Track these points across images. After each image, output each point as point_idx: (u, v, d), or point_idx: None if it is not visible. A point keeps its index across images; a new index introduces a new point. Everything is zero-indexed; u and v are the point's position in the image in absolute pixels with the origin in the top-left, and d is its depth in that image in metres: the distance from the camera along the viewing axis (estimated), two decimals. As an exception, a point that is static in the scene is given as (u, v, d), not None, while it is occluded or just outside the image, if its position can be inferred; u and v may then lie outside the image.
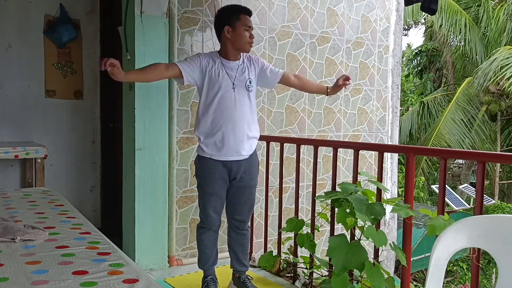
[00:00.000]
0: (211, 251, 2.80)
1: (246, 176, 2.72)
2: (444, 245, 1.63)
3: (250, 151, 2.73)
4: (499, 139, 12.04)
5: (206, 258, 2.81)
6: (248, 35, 2.62)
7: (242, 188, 2.74)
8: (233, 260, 2.89)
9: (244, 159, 2.69)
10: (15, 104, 4.12)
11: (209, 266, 2.83)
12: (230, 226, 2.85)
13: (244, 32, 2.61)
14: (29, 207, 2.47)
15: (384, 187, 2.72)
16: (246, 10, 2.67)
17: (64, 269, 1.55)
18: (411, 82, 18.29)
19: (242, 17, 2.61)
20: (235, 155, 2.66)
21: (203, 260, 2.81)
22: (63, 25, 4.23)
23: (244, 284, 2.84)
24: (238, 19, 2.60)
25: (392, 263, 5.01)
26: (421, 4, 2.97)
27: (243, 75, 2.68)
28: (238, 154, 2.66)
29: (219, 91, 2.61)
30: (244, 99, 2.67)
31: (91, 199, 4.55)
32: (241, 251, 2.86)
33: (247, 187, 2.76)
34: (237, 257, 2.87)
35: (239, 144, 2.64)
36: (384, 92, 4.82)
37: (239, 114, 2.63)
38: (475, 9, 12.28)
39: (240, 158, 2.67)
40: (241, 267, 2.88)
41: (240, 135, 2.64)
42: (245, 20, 2.61)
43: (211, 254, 2.81)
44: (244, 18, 2.61)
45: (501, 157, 3.58)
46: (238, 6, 2.74)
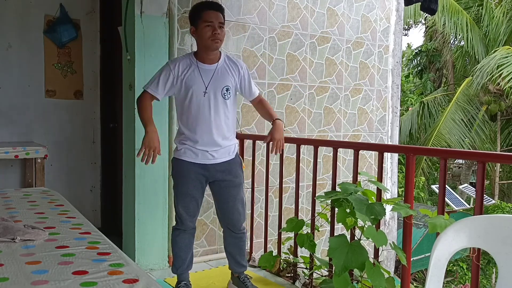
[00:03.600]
0: (186, 255, 2.72)
1: (227, 175, 2.64)
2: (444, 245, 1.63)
3: (227, 157, 2.64)
4: (499, 139, 12.04)
5: (180, 261, 2.72)
6: (211, 31, 2.44)
7: (227, 187, 2.67)
8: (230, 262, 2.86)
9: (222, 162, 2.63)
10: (15, 104, 4.12)
11: (182, 270, 2.74)
12: (225, 230, 2.80)
13: (204, 29, 2.45)
14: (29, 207, 2.47)
15: (384, 187, 2.72)
16: (208, 5, 2.51)
17: (64, 269, 1.55)
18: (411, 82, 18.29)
19: (203, 14, 2.47)
20: (211, 159, 2.59)
21: (177, 264, 2.72)
22: (63, 25, 4.23)
23: (244, 284, 2.82)
24: (199, 17, 2.48)
25: (392, 263, 5.01)
26: (421, 4, 2.97)
27: (219, 80, 2.55)
28: (214, 159, 2.60)
29: (191, 96, 2.52)
30: (219, 106, 2.55)
31: (91, 199, 4.55)
32: (238, 253, 2.82)
33: (232, 186, 2.67)
34: (234, 259, 2.83)
35: (213, 151, 2.58)
36: (384, 92, 4.82)
37: (212, 123, 2.54)
38: (476, 9, 12.28)
39: (216, 161, 2.61)
40: (240, 268, 2.86)
41: (212, 143, 2.57)
42: (205, 16, 2.46)
43: (185, 258, 2.72)
44: (204, 15, 2.46)
45: (501, 157, 3.58)
46: (202, 3, 2.57)
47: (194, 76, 2.52)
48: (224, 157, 2.63)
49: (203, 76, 2.53)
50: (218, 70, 2.57)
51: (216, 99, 2.55)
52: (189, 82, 2.52)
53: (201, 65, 2.54)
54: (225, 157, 2.63)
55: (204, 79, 2.53)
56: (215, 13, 2.48)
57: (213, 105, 2.54)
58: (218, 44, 2.50)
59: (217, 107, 2.55)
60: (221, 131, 2.58)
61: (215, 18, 2.47)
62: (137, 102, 2.60)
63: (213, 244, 3.72)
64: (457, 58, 13.88)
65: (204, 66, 2.55)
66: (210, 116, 2.54)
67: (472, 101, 11.61)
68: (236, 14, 3.74)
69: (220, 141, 2.59)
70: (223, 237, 2.85)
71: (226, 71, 2.59)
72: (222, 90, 2.56)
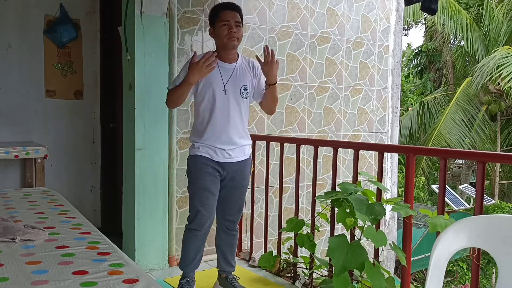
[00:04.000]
0: (195, 256, 2.70)
1: (238, 176, 2.67)
2: (444, 245, 1.63)
3: (243, 157, 2.67)
4: (499, 139, 12.04)
5: (189, 260, 2.71)
6: (227, 29, 2.50)
7: (234, 187, 2.69)
8: (220, 260, 2.85)
9: (237, 161, 2.65)
10: (15, 104, 4.12)
11: (190, 269, 2.74)
12: (220, 227, 2.80)
13: (221, 28, 2.51)
14: (29, 207, 2.47)
15: (384, 187, 2.72)
16: (225, 6, 2.57)
17: (64, 269, 1.55)
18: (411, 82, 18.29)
19: (220, 14, 2.53)
20: (228, 158, 2.61)
21: (185, 262, 2.72)
22: (63, 25, 4.23)
23: (232, 285, 2.81)
24: (217, 17, 2.54)
25: (392, 263, 5.01)
26: (421, 4, 2.97)
27: (238, 79, 2.59)
28: (230, 157, 2.62)
29: (210, 93, 2.54)
30: (236, 105, 2.58)
31: (91, 199, 4.55)
32: (229, 252, 2.82)
33: (239, 187, 2.70)
34: (225, 258, 2.83)
35: (230, 150, 2.60)
36: (384, 92, 4.82)
37: (231, 121, 2.57)
38: (476, 9, 12.28)
39: (232, 160, 2.63)
40: (229, 267, 2.85)
41: (229, 141, 2.59)
42: (221, 16, 2.52)
43: (193, 259, 2.70)
44: (221, 14, 2.52)
45: (501, 157, 3.58)
46: (219, 4, 2.64)
47: (214, 74, 2.54)
48: (240, 156, 2.65)
49: (223, 75, 2.56)
50: (237, 69, 2.61)
51: (235, 97, 2.58)
52: (209, 79, 2.54)
53: (221, 63, 2.57)
54: (240, 156, 2.65)
55: (223, 77, 2.56)
56: (232, 12, 2.54)
57: (232, 103, 2.57)
58: (235, 43, 2.54)
59: (235, 105, 2.58)
60: (238, 130, 2.61)
61: (231, 17, 2.52)
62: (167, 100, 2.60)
63: (213, 244, 3.68)
64: (457, 58, 13.87)
65: (223, 65, 2.58)
66: (228, 114, 2.56)
67: (472, 101, 11.60)
68: (236, 14, 3.74)
69: (237, 140, 2.61)
70: (216, 234, 2.84)
71: (244, 70, 2.63)
72: (240, 89, 2.59)
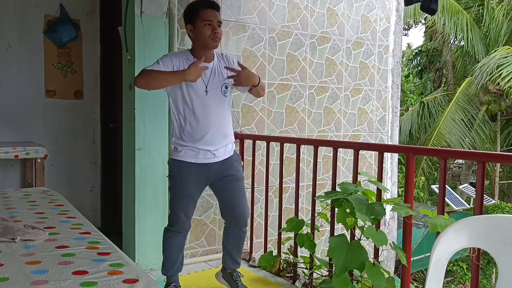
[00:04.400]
0: (177, 256, 2.67)
1: (229, 170, 2.63)
2: (444, 245, 1.63)
3: (227, 154, 2.63)
4: (499, 139, 12.04)
5: (171, 263, 2.67)
6: (210, 30, 2.43)
7: (231, 182, 2.65)
8: (226, 257, 2.83)
9: (221, 160, 2.61)
10: (15, 104, 4.12)
11: (173, 272, 2.69)
12: (229, 226, 2.76)
13: (204, 27, 2.43)
14: (29, 207, 2.47)
15: (384, 187, 2.72)
16: (206, 4, 2.48)
17: (64, 269, 1.55)
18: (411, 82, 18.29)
19: (202, 12, 2.44)
20: (212, 158, 2.58)
21: (167, 265, 2.67)
22: (63, 25, 4.23)
23: (235, 283, 2.79)
24: (197, 15, 2.45)
25: (392, 263, 5.02)
26: (421, 4, 2.97)
27: (218, 78, 2.54)
28: (214, 157, 2.58)
29: (191, 94, 2.48)
30: (218, 104, 2.54)
31: (91, 199, 4.55)
32: (236, 250, 2.80)
33: (235, 179, 2.66)
34: (231, 256, 2.81)
35: (214, 150, 2.56)
36: (384, 92, 4.82)
37: (214, 121, 2.53)
38: (476, 9, 12.28)
39: (216, 160, 2.59)
40: (234, 264, 2.83)
41: (214, 141, 2.55)
42: (203, 15, 2.44)
43: (176, 260, 2.67)
44: (203, 13, 2.44)
45: (501, 157, 3.58)
46: (198, 1, 2.53)
47: None
48: (224, 155, 2.62)
49: (202, 75, 2.49)
50: (215, 68, 2.56)
51: (217, 96, 2.54)
52: None
53: None
54: (224, 155, 2.62)
55: (203, 78, 2.50)
56: (214, 11, 2.47)
57: (214, 103, 2.53)
58: (217, 43, 2.50)
59: (218, 105, 2.55)
60: (222, 129, 2.58)
61: (214, 17, 2.46)
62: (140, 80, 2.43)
63: (213, 244, 3.72)
64: (457, 58, 13.87)
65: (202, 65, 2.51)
66: (211, 114, 2.52)
67: (472, 101, 11.60)
68: (236, 14, 3.74)
69: (221, 139, 2.58)
70: (224, 233, 2.81)
71: (222, 68, 2.58)
72: (221, 87, 2.56)
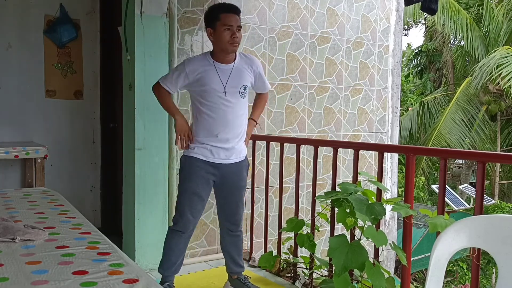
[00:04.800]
0: (177, 258, 2.66)
1: (234, 177, 2.66)
2: (444, 245, 1.63)
3: (240, 158, 2.67)
4: (499, 139, 12.04)
5: (170, 264, 2.66)
6: (229, 35, 2.47)
7: (231, 189, 2.68)
8: (229, 262, 2.84)
9: (234, 163, 2.64)
10: (15, 104, 4.12)
11: (169, 273, 2.68)
12: (224, 229, 2.79)
13: (224, 32, 2.47)
14: (29, 207, 2.47)
15: (384, 187, 2.72)
16: (227, 8, 2.53)
17: (64, 269, 1.55)
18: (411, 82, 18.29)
19: (222, 17, 2.48)
20: (225, 159, 2.61)
21: (166, 265, 2.67)
22: (63, 25, 4.23)
23: (245, 285, 2.81)
24: (218, 19, 2.49)
25: (392, 263, 5.02)
26: (421, 4, 2.97)
27: (237, 79, 2.57)
28: (227, 159, 2.61)
29: (209, 95, 2.52)
30: (236, 105, 2.57)
31: (91, 199, 4.54)
32: (236, 253, 2.81)
33: (236, 187, 2.69)
34: (233, 259, 2.82)
35: (229, 150, 2.60)
36: (384, 92, 4.82)
37: (230, 121, 2.56)
38: (476, 9, 12.28)
39: (227, 162, 2.62)
40: (238, 268, 2.85)
41: (227, 142, 2.58)
42: (224, 19, 2.47)
43: (175, 262, 2.66)
44: (224, 17, 2.48)
45: (501, 157, 3.58)
46: (220, 5, 2.60)
47: (211, 75, 2.53)
48: (236, 158, 2.64)
49: (221, 76, 2.54)
50: (235, 69, 2.59)
51: (235, 98, 2.56)
52: (205, 80, 2.52)
53: (218, 64, 2.55)
54: (236, 158, 2.64)
55: (222, 78, 2.54)
56: (234, 16, 2.51)
57: (232, 104, 2.56)
58: (236, 48, 2.54)
59: (236, 105, 2.57)
60: (237, 130, 2.60)
61: (234, 22, 2.49)
62: (154, 91, 2.67)
63: (213, 244, 3.72)
64: (457, 58, 13.87)
65: (221, 66, 2.56)
66: (229, 114, 2.55)
67: (472, 101, 11.61)
68: (236, 14, 3.74)
69: (235, 140, 2.60)
70: (221, 237, 2.84)
71: (242, 69, 2.61)
72: (240, 89, 2.58)
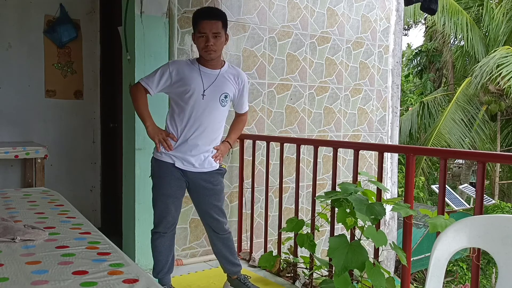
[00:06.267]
0: (166, 258, 2.66)
1: (207, 183, 2.60)
2: (444, 245, 1.63)
3: (210, 168, 2.60)
4: (499, 139, 12.04)
5: (161, 265, 2.66)
6: (203, 42, 2.43)
7: (206, 196, 2.63)
8: (225, 264, 2.81)
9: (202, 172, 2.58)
10: (15, 104, 4.12)
11: (163, 274, 2.68)
12: (210, 233, 2.74)
13: (199, 39, 2.45)
14: (29, 207, 2.47)
15: (384, 187, 2.72)
16: (205, 14, 2.47)
17: (64, 269, 1.55)
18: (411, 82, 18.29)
19: (198, 23, 2.44)
20: (191, 167, 2.56)
21: (158, 268, 2.67)
22: (63, 25, 4.23)
23: (245, 285, 2.79)
24: (196, 25, 2.46)
25: (392, 263, 5.02)
26: (421, 4, 2.97)
27: (219, 86, 2.53)
28: (194, 167, 2.56)
29: (188, 96, 2.48)
30: (212, 111, 2.53)
31: (91, 199, 4.55)
32: (229, 252, 2.78)
33: (211, 194, 2.63)
34: (227, 260, 2.79)
35: (199, 159, 2.55)
36: (384, 92, 4.82)
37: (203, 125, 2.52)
38: (476, 9, 12.29)
39: (196, 170, 2.57)
40: (235, 267, 2.82)
41: (199, 149, 2.54)
42: (199, 26, 2.43)
43: (166, 261, 2.66)
44: (199, 24, 2.43)
45: (501, 157, 3.58)
46: (199, 11, 2.54)
47: (194, 76, 2.50)
48: (206, 168, 2.59)
49: (204, 79, 2.51)
50: (220, 76, 2.56)
51: (213, 104, 2.53)
52: (187, 81, 2.49)
53: (203, 68, 2.53)
54: (207, 168, 2.59)
55: (204, 81, 2.51)
56: (210, 22, 2.42)
57: (208, 109, 2.52)
58: (212, 55, 2.48)
59: (213, 112, 2.54)
60: (210, 137, 2.56)
61: (209, 29, 2.42)
62: (130, 91, 2.61)
63: (213, 244, 3.72)
64: (457, 58, 13.88)
65: (206, 70, 2.53)
66: (204, 119, 2.52)
67: (472, 101, 11.61)
68: (236, 14, 3.74)
69: (204, 146, 2.55)
70: (210, 243, 2.80)
71: (228, 78, 2.58)
72: (220, 96, 2.55)
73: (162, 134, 2.54)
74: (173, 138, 2.53)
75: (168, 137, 2.53)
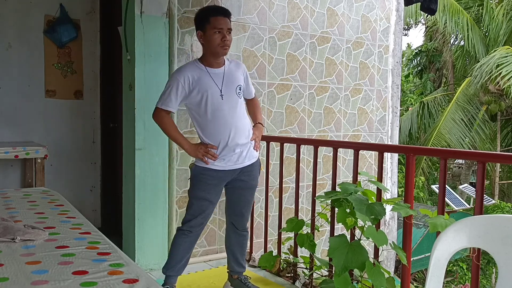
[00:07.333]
0: (181, 257, 2.65)
1: (247, 177, 2.66)
2: (444, 245, 1.63)
3: (253, 159, 2.65)
4: (499, 139, 12.04)
5: (174, 263, 2.64)
6: (220, 38, 2.45)
7: (243, 189, 2.68)
8: (231, 261, 2.84)
9: (247, 165, 2.63)
10: (15, 104, 4.12)
11: (172, 273, 2.66)
12: (230, 228, 2.78)
13: (214, 35, 2.45)
14: (29, 207, 2.47)
15: (384, 187, 2.72)
16: (217, 10, 2.51)
17: (64, 269, 1.55)
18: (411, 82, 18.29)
19: (212, 19, 2.45)
20: (238, 164, 2.59)
21: (171, 264, 2.65)
22: (63, 25, 4.23)
23: (245, 285, 2.81)
24: (207, 22, 2.46)
25: (392, 263, 5.02)
26: (421, 4, 2.98)
27: (231, 81, 2.56)
28: (241, 163, 2.59)
29: (206, 102, 2.49)
30: (236, 106, 2.55)
31: (91, 199, 4.54)
32: (240, 252, 2.81)
33: (248, 188, 2.70)
34: (235, 259, 2.82)
35: (241, 154, 2.58)
36: (384, 92, 4.82)
37: (234, 124, 2.53)
38: (476, 9, 12.29)
39: (240, 166, 2.60)
40: (240, 268, 2.85)
41: (239, 146, 2.56)
42: (214, 22, 2.45)
43: (179, 260, 2.65)
44: (214, 20, 2.45)
45: (501, 157, 3.58)
46: (209, 8, 2.59)
47: (206, 81, 2.50)
48: (250, 160, 2.62)
49: (215, 80, 2.52)
50: (228, 72, 2.58)
51: (232, 100, 2.55)
52: (203, 88, 2.49)
53: (210, 69, 2.53)
54: (250, 160, 2.63)
55: (217, 82, 2.52)
56: (224, 19, 2.48)
57: (231, 106, 2.53)
58: (227, 51, 2.51)
59: (235, 107, 2.55)
60: (242, 131, 2.57)
61: (224, 24, 2.47)
62: (155, 120, 2.58)
63: (213, 244, 3.73)
64: (457, 58, 13.88)
65: (213, 71, 2.54)
66: (230, 117, 2.53)
67: (472, 101, 11.61)
68: (236, 14, 3.74)
69: (244, 141, 2.58)
70: (226, 235, 2.83)
71: (234, 71, 2.60)
72: (236, 89, 2.57)
73: (202, 148, 2.54)
74: (212, 147, 2.54)
75: (208, 147, 2.53)
